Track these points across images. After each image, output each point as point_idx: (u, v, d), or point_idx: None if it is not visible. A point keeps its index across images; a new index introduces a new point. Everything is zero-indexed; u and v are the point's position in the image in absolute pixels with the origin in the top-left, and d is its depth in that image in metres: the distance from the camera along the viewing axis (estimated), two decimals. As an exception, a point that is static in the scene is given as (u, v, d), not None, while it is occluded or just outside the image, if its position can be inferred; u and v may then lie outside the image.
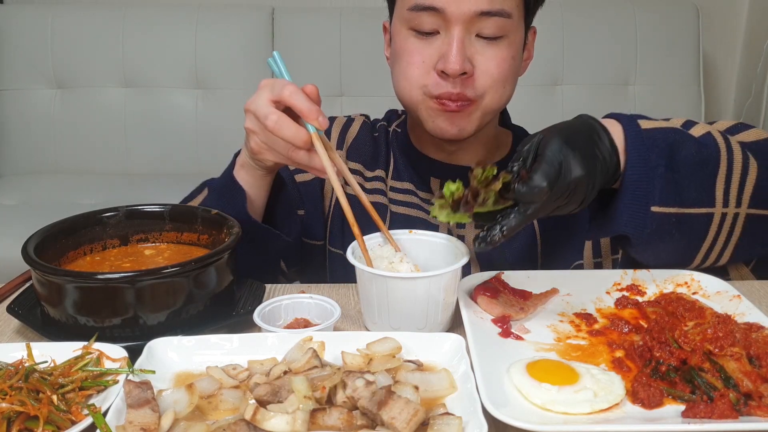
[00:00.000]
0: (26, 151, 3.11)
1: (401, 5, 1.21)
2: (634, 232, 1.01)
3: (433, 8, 1.15)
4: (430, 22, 1.17)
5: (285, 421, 0.76)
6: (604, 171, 0.97)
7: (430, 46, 1.19)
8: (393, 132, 1.42)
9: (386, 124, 1.45)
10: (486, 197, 0.93)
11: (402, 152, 1.39)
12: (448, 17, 1.15)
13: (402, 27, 1.21)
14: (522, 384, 0.84)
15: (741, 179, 1.02)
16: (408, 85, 1.22)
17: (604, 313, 1.05)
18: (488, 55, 1.18)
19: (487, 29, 1.17)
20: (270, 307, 1.01)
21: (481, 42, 1.18)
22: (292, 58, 3.07)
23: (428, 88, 1.20)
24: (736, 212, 1.02)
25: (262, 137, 1.08)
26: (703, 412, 0.78)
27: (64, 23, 3.07)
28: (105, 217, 1.14)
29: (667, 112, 3.16)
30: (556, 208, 0.96)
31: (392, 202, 1.36)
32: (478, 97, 1.20)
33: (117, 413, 0.77)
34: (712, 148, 1.02)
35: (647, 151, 0.98)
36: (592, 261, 1.33)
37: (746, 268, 1.15)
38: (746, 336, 0.90)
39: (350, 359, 0.87)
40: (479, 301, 1.03)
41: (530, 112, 3.05)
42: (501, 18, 1.16)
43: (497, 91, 1.21)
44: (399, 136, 1.41)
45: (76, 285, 0.94)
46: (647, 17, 3.09)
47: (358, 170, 1.40)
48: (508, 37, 1.19)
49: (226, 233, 1.08)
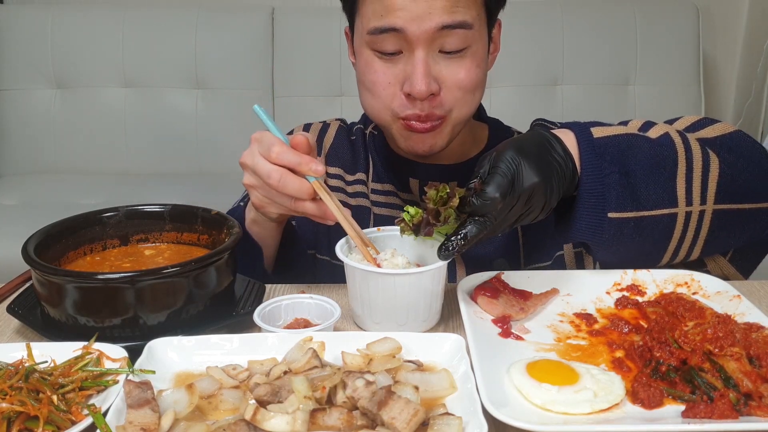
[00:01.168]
0: (26, 151, 3.11)
1: (361, 27, 1.20)
2: (593, 239, 1.04)
3: (393, 29, 1.13)
4: (392, 42, 1.15)
5: (285, 422, 0.76)
6: (560, 176, 0.99)
7: (394, 66, 1.17)
8: (370, 134, 1.41)
9: (363, 127, 1.44)
10: (446, 216, 0.96)
11: (380, 154, 1.39)
12: (409, 37, 1.13)
13: (364, 47, 1.20)
14: (522, 384, 0.84)
15: (703, 176, 1.03)
16: (377, 106, 1.22)
17: (604, 313, 1.05)
18: (453, 69, 1.17)
19: (450, 44, 1.15)
20: (270, 307, 1.01)
21: (445, 58, 1.16)
22: (292, 58, 3.08)
23: (395, 110, 1.19)
24: (701, 209, 1.04)
25: (263, 192, 1.08)
26: (703, 412, 0.78)
27: (64, 23, 3.07)
28: (105, 217, 1.14)
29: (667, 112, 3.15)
30: (518, 217, 0.98)
31: (375, 204, 1.37)
32: (447, 112, 1.19)
33: (117, 413, 0.77)
34: (669, 148, 1.03)
35: (599, 159, 1.01)
36: (573, 251, 1.35)
37: (724, 259, 1.16)
38: (746, 336, 0.90)
39: (350, 359, 0.87)
40: (479, 302, 1.03)
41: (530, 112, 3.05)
42: (462, 30, 1.14)
43: (466, 102, 1.20)
44: (376, 139, 1.40)
45: (76, 285, 0.94)
46: (647, 17, 3.09)
47: (338, 174, 1.40)
48: (471, 48, 1.17)
49: (226, 233, 1.08)
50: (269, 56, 3.09)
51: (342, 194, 1.39)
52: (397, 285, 0.98)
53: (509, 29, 3.46)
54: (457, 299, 1.03)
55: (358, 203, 1.37)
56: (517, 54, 3.02)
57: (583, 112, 3.09)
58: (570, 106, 3.09)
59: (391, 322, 1.01)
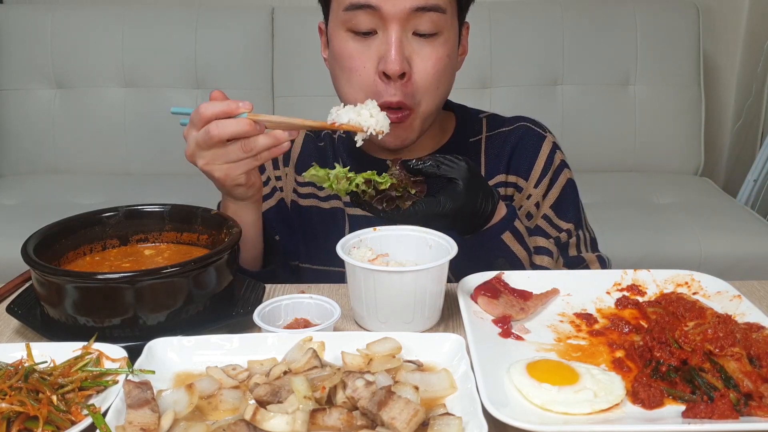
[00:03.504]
0: (26, 151, 3.10)
1: (337, 6, 1.23)
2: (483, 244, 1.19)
3: (369, 6, 1.17)
4: (367, 21, 1.19)
5: (285, 422, 0.76)
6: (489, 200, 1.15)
7: (369, 47, 1.21)
8: (339, 138, 1.43)
9: (331, 132, 1.45)
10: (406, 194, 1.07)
11: (349, 156, 1.40)
12: (384, 15, 1.17)
13: (339, 29, 1.23)
14: (522, 384, 0.84)
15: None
16: (353, 90, 1.24)
17: (604, 314, 1.04)
18: (424, 54, 1.21)
19: (423, 26, 1.19)
20: (270, 307, 1.01)
21: (418, 41, 1.20)
22: (292, 58, 3.08)
23: (372, 95, 1.21)
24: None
25: (215, 154, 1.10)
26: (704, 413, 0.78)
27: (64, 23, 3.06)
28: (105, 217, 1.14)
29: (667, 112, 3.17)
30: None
31: (348, 205, 1.37)
32: (416, 104, 1.23)
33: (117, 413, 0.77)
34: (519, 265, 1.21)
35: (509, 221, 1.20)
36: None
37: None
38: (746, 336, 0.90)
39: (350, 359, 0.87)
40: (479, 302, 1.03)
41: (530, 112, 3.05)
42: (436, 13, 1.19)
43: (431, 93, 1.24)
44: (344, 141, 1.42)
45: (76, 285, 0.94)
46: (647, 17, 3.09)
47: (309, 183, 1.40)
48: (443, 34, 1.22)
49: (226, 233, 1.08)
50: (269, 56, 3.09)
51: (316, 199, 1.41)
52: (404, 282, 0.98)
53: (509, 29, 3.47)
54: (457, 299, 1.03)
55: (331, 206, 1.38)
56: (517, 54, 3.02)
57: (583, 112, 3.09)
58: (570, 106, 3.09)
59: (398, 321, 1.01)
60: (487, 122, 1.44)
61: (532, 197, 1.35)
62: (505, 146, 1.39)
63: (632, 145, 3.12)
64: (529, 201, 1.35)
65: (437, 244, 1.07)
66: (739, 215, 2.76)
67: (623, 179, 3.01)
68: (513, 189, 1.37)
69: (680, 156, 3.16)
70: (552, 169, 1.36)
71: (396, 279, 0.99)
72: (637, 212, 2.72)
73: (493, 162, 1.39)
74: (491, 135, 1.42)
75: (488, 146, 1.40)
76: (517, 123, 1.43)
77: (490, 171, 1.38)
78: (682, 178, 3.11)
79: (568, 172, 1.38)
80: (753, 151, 3.30)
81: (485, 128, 1.43)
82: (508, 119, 1.45)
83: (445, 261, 1.00)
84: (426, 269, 0.99)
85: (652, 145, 3.14)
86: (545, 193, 1.35)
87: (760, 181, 3.10)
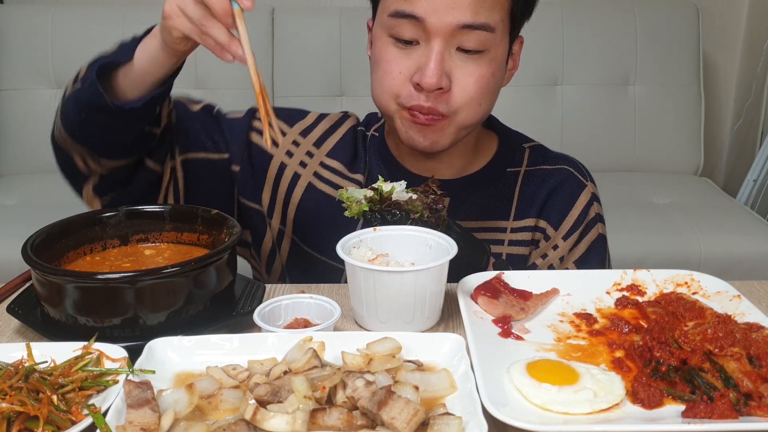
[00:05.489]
0: (26, 151, 3.10)
1: (383, 10, 1.19)
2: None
3: (413, 17, 1.13)
4: (410, 30, 1.14)
5: (285, 421, 0.76)
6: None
7: (408, 57, 1.16)
8: (371, 136, 1.38)
9: (364, 129, 1.40)
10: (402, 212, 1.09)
11: (379, 158, 1.36)
12: (428, 28, 1.12)
13: (382, 33, 1.19)
14: (522, 384, 0.84)
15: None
16: (384, 94, 1.21)
17: (604, 313, 1.05)
18: (467, 70, 1.16)
19: (469, 43, 1.14)
20: (270, 307, 1.01)
21: (462, 56, 1.15)
22: (292, 58, 3.08)
23: (401, 99, 1.18)
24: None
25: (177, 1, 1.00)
26: (703, 412, 0.78)
27: (64, 23, 3.06)
28: (105, 217, 1.14)
29: (667, 112, 3.17)
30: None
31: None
32: (452, 113, 1.18)
33: (117, 413, 0.77)
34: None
35: None
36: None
37: None
38: (746, 336, 0.90)
39: (350, 359, 0.87)
40: (480, 302, 1.03)
41: (530, 112, 3.07)
42: (484, 32, 1.13)
43: (472, 108, 1.19)
44: (376, 141, 1.37)
45: (76, 285, 0.94)
46: (647, 17, 3.09)
47: (338, 169, 1.36)
48: (489, 52, 1.16)
49: (226, 233, 1.08)
50: (269, 56, 3.09)
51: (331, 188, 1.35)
52: (404, 282, 0.98)
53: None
54: (457, 299, 1.03)
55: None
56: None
57: (583, 112, 3.09)
58: (570, 106, 3.09)
59: (398, 321, 1.01)
60: (530, 154, 1.37)
61: (558, 249, 1.30)
62: (542, 188, 1.33)
63: (632, 145, 3.13)
64: (554, 252, 1.31)
65: (437, 244, 1.07)
66: (739, 215, 2.76)
67: (623, 179, 3.01)
68: (541, 235, 1.32)
69: (680, 156, 3.17)
70: (585, 223, 1.31)
71: (396, 279, 0.99)
72: (636, 212, 2.72)
73: (527, 202, 1.33)
74: (531, 170, 1.35)
75: (525, 182, 1.34)
76: (560, 164, 1.36)
77: (521, 211, 1.32)
78: (682, 178, 3.11)
79: (602, 227, 1.33)
80: (753, 151, 3.30)
81: (526, 160, 1.36)
82: (552, 156, 1.38)
83: (445, 261, 1.00)
84: (426, 269, 0.99)
85: (652, 145, 3.14)
86: (572, 247, 1.30)
87: (759, 181, 3.10)
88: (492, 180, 1.33)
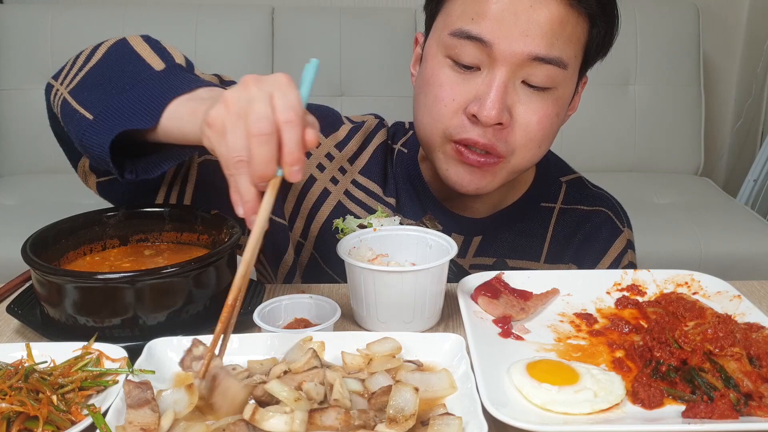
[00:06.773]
0: (26, 151, 3.10)
1: (442, 26, 1.05)
2: None
3: (480, 39, 1.00)
4: (473, 54, 1.01)
5: (284, 421, 0.76)
6: None
7: (466, 83, 1.03)
8: (398, 152, 1.23)
9: (390, 142, 1.25)
10: None
11: (408, 182, 1.21)
12: (494, 54, 1.00)
13: (438, 52, 1.05)
14: (522, 384, 0.84)
15: None
16: (432, 123, 1.07)
17: (604, 314, 1.04)
18: (532, 107, 1.04)
19: (536, 77, 1.02)
20: (270, 307, 1.01)
21: (527, 90, 1.03)
22: (292, 58, 3.08)
23: (450, 130, 1.05)
24: None
25: (230, 118, 0.76)
26: (704, 413, 0.78)
27: (64, 23, 3.06)
28: (105, 217, 1.14)
29: (667, 112, 3.17)
30: None
31: None
32: (509, 153, 1.05)
33: (117, 413, 0.77)
34: None
35: None
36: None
37: None
38: (746, 336, 0.90)
39: (350, 359, 0.87)
40: (479, 302, 1.03)
41: (530, 112, 3.06)
42: (555, 67, 1.02)
43: (530, 150, 1.07)
44: (405, 160, 1.22)
45: (76, 285, 0.94)
46: (647, 17, 3.09)
47: (372, 190, 1.22)
48: (557, 90, 1.05)
49: (226, 233, 1.08)
50: (269, 56, 3.09)
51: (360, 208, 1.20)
52: (404, 282, 0.98)
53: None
54: (457, 299, 1.03)
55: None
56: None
57: (583, 112, 3.08)
58: (570, 106, 3.09)
59: (398, 321, 1.01)
60: (567, 189, 1.26)
61: None
62: (577, 233, 1.24)
63: (632, 145, 3.13)
64: None
65: (437, 244, 1.07)
66: (739, 215, 2.76)
67: (623, 179, 3.01)
68: None
69: (680, 156, 3.17)
70: None
71: (396, 279, 0.99)
72: (637, 212, 2.70)
73: (559, 245, 1.24)
74: (566, 209, 1.25)
75: (559, 221, 1.24)
76: (598, 206, 1.26)
77: (552, 253, 1.24)
78: (682, 178, 3.11)
79: None
80: (753, 151, 3.31)
81: (563, 196, 1.26)
82: (590, 195, 1.27)
83: (445, 261, 1.00)
84: (426, 269, 0.99)
85: (652, 145, 3.14)
86: None
87: (760, 181, 3.10)
88: (525, 215, 1.24)
